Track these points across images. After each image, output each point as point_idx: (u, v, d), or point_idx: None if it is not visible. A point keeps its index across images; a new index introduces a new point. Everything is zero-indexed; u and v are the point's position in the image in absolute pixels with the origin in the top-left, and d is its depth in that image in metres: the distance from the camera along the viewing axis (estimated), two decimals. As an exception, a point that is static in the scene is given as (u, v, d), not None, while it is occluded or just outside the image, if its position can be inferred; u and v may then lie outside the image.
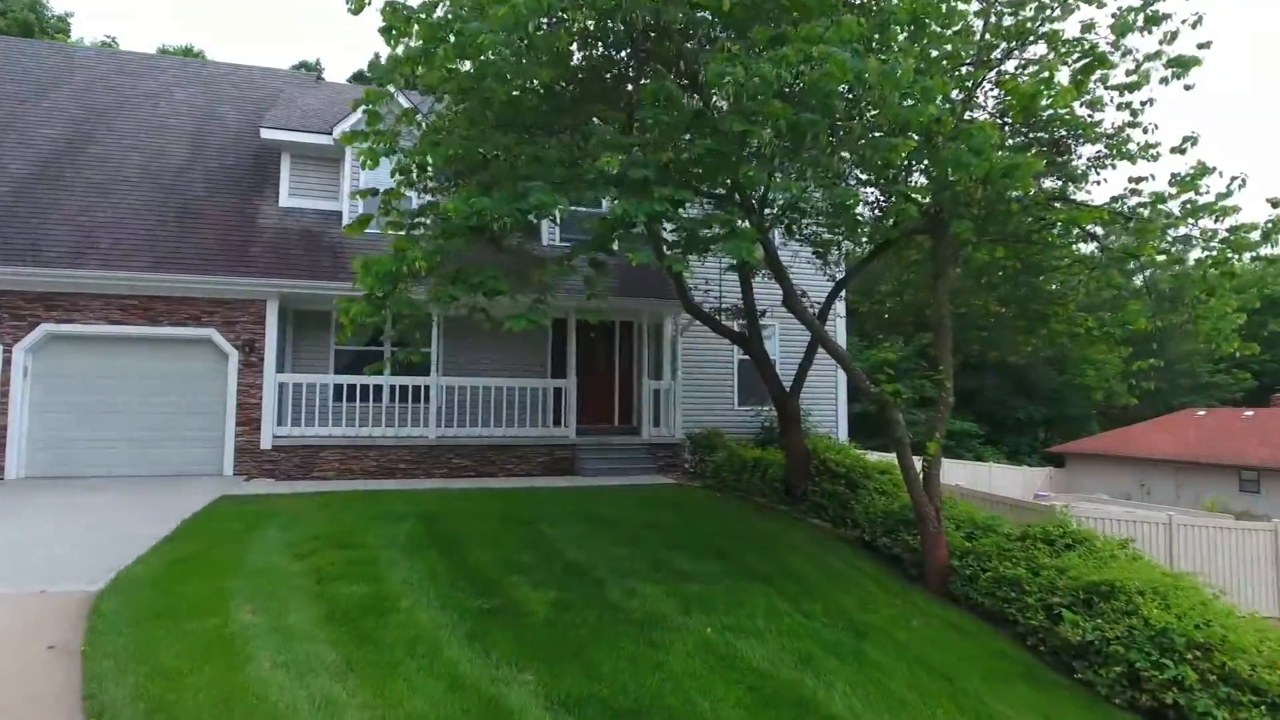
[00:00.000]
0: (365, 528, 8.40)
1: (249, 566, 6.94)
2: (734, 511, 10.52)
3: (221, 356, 12.45)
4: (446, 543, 7.97)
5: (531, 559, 7.61)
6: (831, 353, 8.24)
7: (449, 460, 13.18)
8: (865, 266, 11.65)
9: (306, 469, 12.55)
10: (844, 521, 10.02)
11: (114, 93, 16.05)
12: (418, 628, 5.82)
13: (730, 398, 15.89)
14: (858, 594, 7.57)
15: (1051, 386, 47.14)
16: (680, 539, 8.72)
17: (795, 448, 10.78)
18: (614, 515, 9.56)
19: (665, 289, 14.57)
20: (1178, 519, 14.77)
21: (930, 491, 8.10)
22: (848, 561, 8.70)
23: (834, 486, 10.38)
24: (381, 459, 12.87)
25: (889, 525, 9.26)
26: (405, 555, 7.50)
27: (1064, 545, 7.79)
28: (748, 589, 7.21)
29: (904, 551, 8.81)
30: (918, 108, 5.92)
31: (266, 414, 12.42)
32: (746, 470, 12.02)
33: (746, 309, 11.21)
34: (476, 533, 8.40)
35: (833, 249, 10.97)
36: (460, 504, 9.87)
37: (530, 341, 15.12)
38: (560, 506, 9.93)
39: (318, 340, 14.05)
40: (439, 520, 8.90)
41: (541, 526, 8.83)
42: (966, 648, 6.55)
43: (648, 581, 7.22)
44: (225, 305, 12.47)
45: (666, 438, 14.22)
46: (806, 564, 8.26)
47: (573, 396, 13.83)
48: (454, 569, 7.17)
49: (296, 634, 5.59)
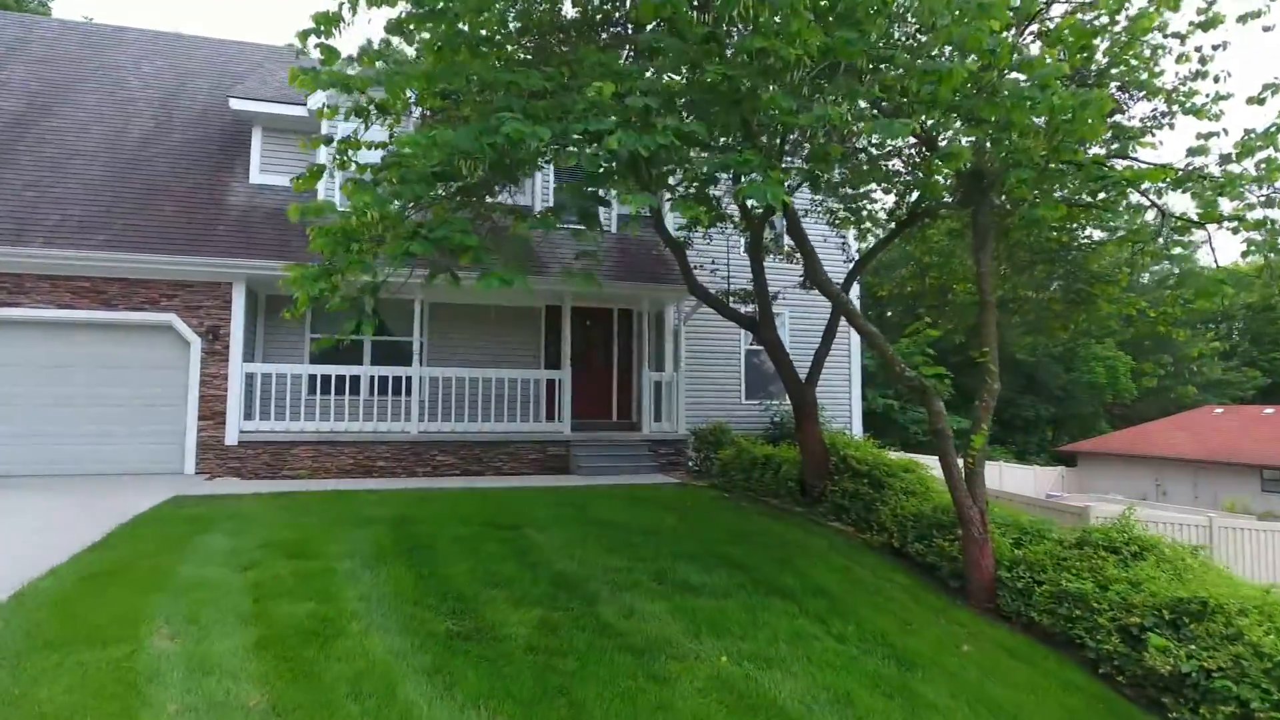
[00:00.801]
0: (326, 534, 7.34)
1: (179, 580, 5.88)
2: (745, 514, 9.46)
3: (183, 344, 11.39)
4: (417, 551, 6.91)
5: (514, 570, 6.54)
6: (861, 329, 7.19)
7: (433, 458, 12.12)
8: (888, 244, 10.60)
9: (276, 467, 11.48)
10: (868, 525, 8.96)
11: (76, 65, 14.99)
12: (368, 658, 4.76)
13: (737, 391, 14.82)
14: (894, 611, 6.51)
15: (1060, 385, 46.08)
16: (686, 546, 7.66)
17: (812, 443, 9.72)
18: (611, 519, 8.50)
19: (667, 274, 13.52)
20: (1219, 521, 13.73)
21: (974, 492, 7.04)
22: (877, 571, 7.64)
23: (856, 486, 9.31)
24: (359, 456, 11.81)
25: (921, 529, 8.20)
26: (367, 566, 6.44)
27: (1131, 554, 6.72)
28: (767, 606, 6.15)
29: (940, 560, 7.75)
30: (975, 25, 4.86)
31: (232, 407, 11.36)
32: (757, 468, 10.96)
33: (757, 291, 10.14)
34: (454, 539, 7.34)
35: (862, 208, 9.86)
36: (439, 506, 8.81)
37: (522, 330, 14.07)
38: (551, 509, 8.88)
39: (292, 328, 12.97)
40: (412, 525, 7.84)
41: (528, 532, 7.77)
42: (1031, 679, 5.49)
43: (649, 597, 6.17)
44: (187, 288, 11.41)
45: (669, 434, 13.15)
46: (831, 575, 7.20)
47: (567, 389, 12.77)
48: (422, 583, 6.11)
49: (217, 667, 4.53)
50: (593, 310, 14.40)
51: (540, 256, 13.17)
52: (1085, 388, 46.68)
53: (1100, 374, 46.62)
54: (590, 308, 14.33)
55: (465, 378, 12.51)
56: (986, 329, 7.25)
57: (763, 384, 15.06)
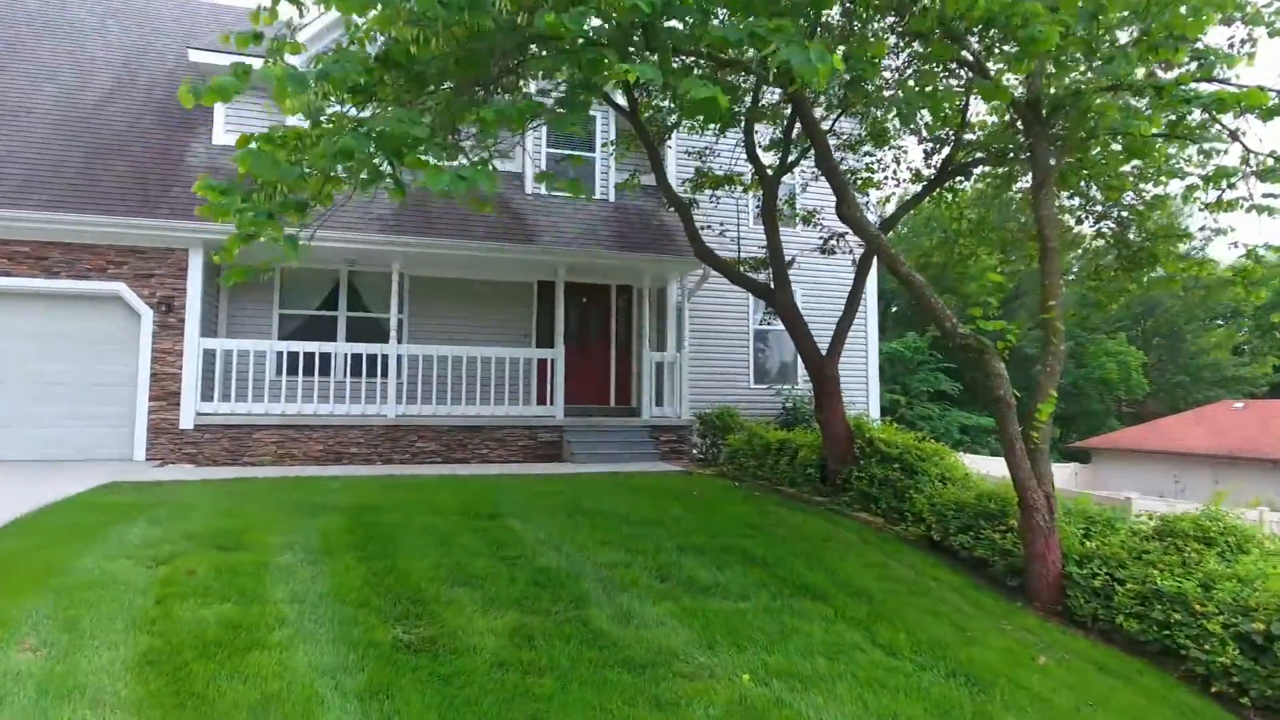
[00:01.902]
0: (270, 523, 6.22)
1: (73, 576, 4.76)
2: (759, 504, 8.34)
3: (133, 317, 10.27)
4: (375, 543, 5.79)
5: (488, 566, 5.42)
6: (906, 280, 6.01)
7: (411, 444, 10.99)
8: (919, 202, 9.50)
9: (237, 453, 10.36)
10: (900, 515, 7.85)
11: (34, 22, 13.87)
12: (286, 677, 3.64)
13: (744, 374, 13.68)
14: (948, 615, 5.39)
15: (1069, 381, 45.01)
16: (694, 539, 6.54)
17: (835, 424, 8.60)
18: (606, 508, 7.39)
19: (670, 244, 12.40)
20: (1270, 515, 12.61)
21: (1039, 472, 5.92)
22: (918, 568, 6.52)
23: (886, 472, 8.19)
24: (329, 442, 10.68)
25: (965, 520, 7.08)
26: (309, 560, 5.33)
27: (1229, 546, 5.60)
28: (796, 609, 5.04)
29: (992, 554, 6.62)
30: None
31: (188, 387, 10.24)
32: (770, 454, 9.84)
33: (772, 252, 9.02)
34: (420, 530, 6.22)
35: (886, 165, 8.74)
36: (409, 493, 7.69)
37: (512, 308, 12.95)
38: (538, 498, 7.76)
39: (259, 302, 11.87)
40: (375, 513, 6.72)
41: (510, 522, 6.65)
42: (1134, 703, 4.36)
43: (650, 598, 5.05)
44: (138, 255, 10.30)
45: (671, 419, 12.03)
46: (867, 573, 6.08)
47: (561, 370, 11.64)
48: (373, 580, 4.99)
49: (80, 689, 3.42)
50: (589, 286, 13.29)
51: (532, 224, 12.06)
52: (1095, 384, 45.62)
53: (1112, 370, 45.58)
54: (586, 284, 13.21)
55: (449, 356, 11.38)
56: (1050, 281, 6.13)
57: (772, 367, 13.94)
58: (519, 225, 11.95)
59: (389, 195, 5.28)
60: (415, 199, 11.89)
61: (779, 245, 9.05)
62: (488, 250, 11.30)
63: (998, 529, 6.78)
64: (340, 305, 12.19)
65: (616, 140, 10.30)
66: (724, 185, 10.52)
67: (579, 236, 12.06)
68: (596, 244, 12.02)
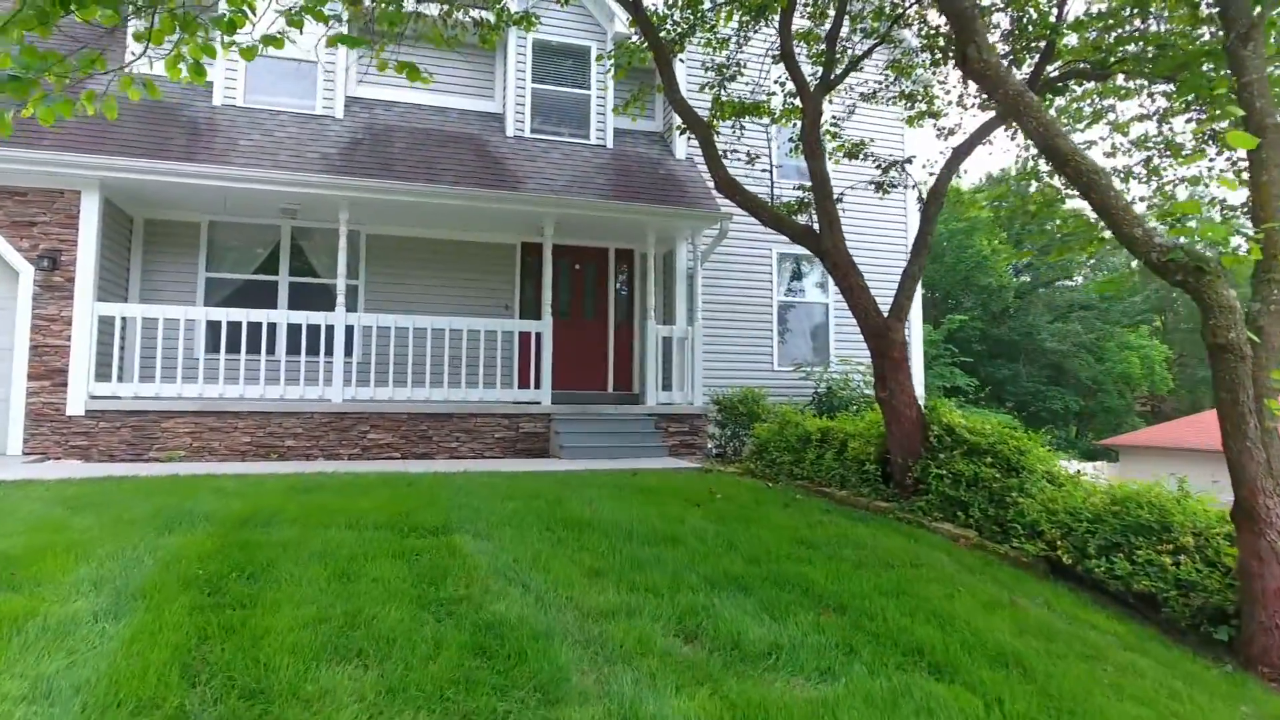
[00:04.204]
0: (95, 544, 4.15)
1: None
2: (804, 510, 6.26)
3: (8, 274, 8.21)
4: (236, 578, 3.71)
5: (405, 619, 3.33)
6: (1069, 158, 3.82)
7: (363, 435, 8.90)
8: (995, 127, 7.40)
9: (141, 446, 8.28)
10: (1002, 528, 5.76)
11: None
12: None
13: (767, 353, 11.59)
14: (1153, 698, 3.31)
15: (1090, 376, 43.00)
16: (726, 564, 4.47)
17: (902, 405, 6.51)
18: (602, 518, 5.31)
19: (681, 196, 10.32)
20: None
21: (1275, 466, 3.82)
22: (1060, 609, 4.44)
23: (975, 469, 6.10)
24: (259, 433, 8.60)
25: (1107, 536, 5.01)
26: (113, 609, 3.27)
27: None
28: (916, 695, 2.96)
29: (1161, 587, 4.55)
30: None
31: (78, 363, 8.16)
32: (810, 447, 7.76)
33: (816, 185, 6.93)
34: (319, 554, 4.13)
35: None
36: (328, 497, 5.60)
37: (491, 274, 10.88)
38: (508, 502, 5.67)
39: (181, 262, 9.79)
40: (263, 528, 4.64)
41: (459, 540, 4.57)
42: None
43: (671, 678, 2.97)
44: (13, 196, 8.24)
45: (680, 406, 9.93)
46: (995, 620, 4.00)
47: (548, 347, 9.56)
48: (194, 650, 2.92)
49: None
50: (583, 250, 11.21)
51: (514, 171, 9.97)
52: (1117, 379, 43.67)
53: (1135, 365, 43.67)
54: (580, 246, 11.14)
55: (410, 328, 9.31)
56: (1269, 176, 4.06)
57: (799, 345, 11.84)
58: (498, 172, 9.87)
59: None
60: (371, 132, 9.83)
61: (825, 175, 6.96)
62: (459, 198, 9.20)
63: (1162, 549, 4.71)
64: (282, 269, 10.10)
65: (614, 53, 8.23)
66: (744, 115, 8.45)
67: (570, 185, 9.97)
68: (592, 194, 9.94)
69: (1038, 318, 42.23)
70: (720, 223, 10.06)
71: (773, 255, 11.62)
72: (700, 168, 10.82)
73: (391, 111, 10.49)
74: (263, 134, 9.33)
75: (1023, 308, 43.18)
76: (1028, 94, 4.14)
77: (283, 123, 9.61)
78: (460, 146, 10.14)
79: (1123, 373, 42.95)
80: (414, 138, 10.03)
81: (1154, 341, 44.77)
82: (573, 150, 10.70)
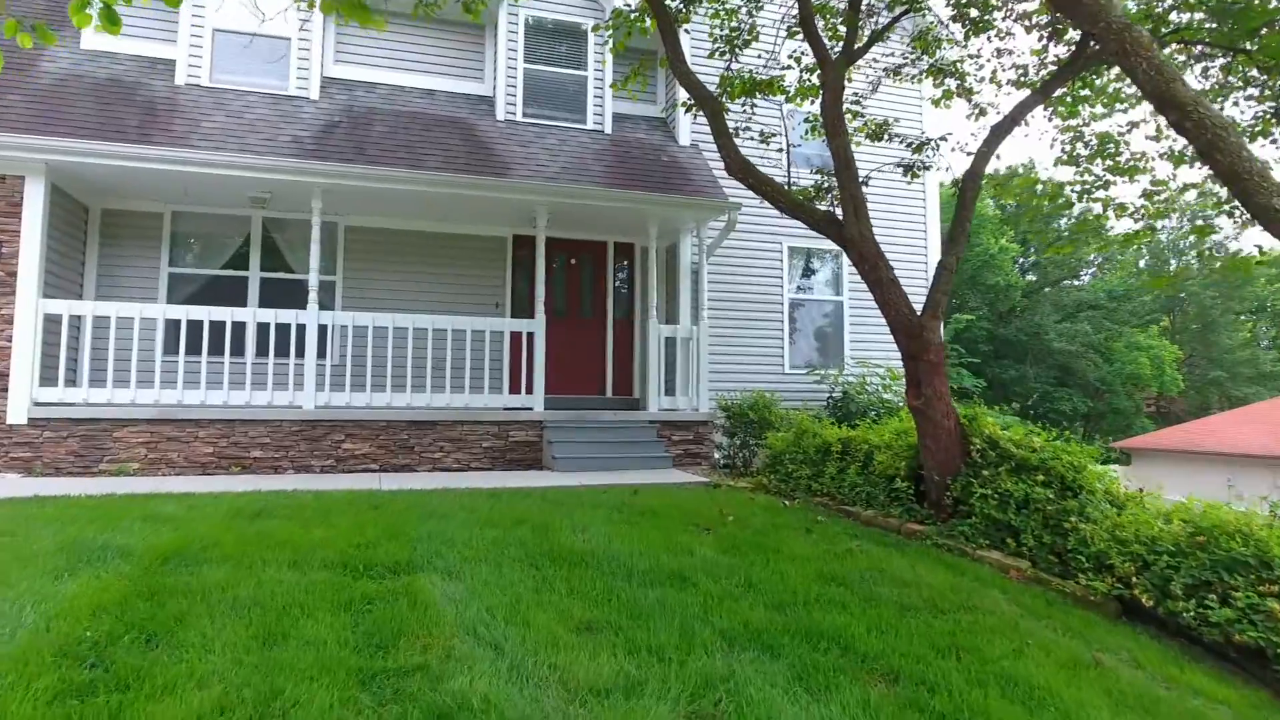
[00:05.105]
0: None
1: None
2: (829, 535, 5.47)
3: (-59, 268, 7.43)
4: (130, 642, 2.94)
5: (333, 702, 2.54)
6: (1190, 104, 3.04)
7: (337, 446, 8.12)
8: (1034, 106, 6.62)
9: (91, 458, 7.50)
10: (1060, 559, 4.98)
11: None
12: None
13: (778, 356, 10.80)
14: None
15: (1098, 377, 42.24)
16: (745, 611, 3.70)
17: (939, 415, 5.73)
18: (597, 550, 4.53)
19: (685, 184, 9.54)
20: None
21: None
22: (1151, 669, 3.65)
23: (1028, 489, 5.31)
24: (222, 442, 7.82)
25: (1194, 573, 4.22)
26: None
27: None
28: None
29: (1273, 639, 3.76)
30: None
31: (20, 365, 7.39)
32: (831, 460, 6.98)
33: (839, 166, 6.15)
34: (248, 603, 3.36)
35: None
36: (276, 524, 4.81)
37: (480, 271, 10.09)
38: (489, 529, 4.89)
39: (142, 257, 9.01)
40: (189, 566, 3.86)
41: (424, 582, 3.79)
42: None
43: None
44: (-52, 182, 7.46)
45: (685, 413, 9.15)
46: (1079, 687, 3.23)
47: (541, 348, 8.77)
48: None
49: None
50: (579, 243, 10.43)
51: (504, 156, 9.19)
52: (1125, 380, 42.92)
53: (1144, 366, 42.90)
54: (576, 240, 10.35)
55: (389, 327, 8.53)
56: None
57: (812, 346, 11.06)
58: (487, 158, 9.08)
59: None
60: (350, 115, 9.06)
61: (849, 155, 6.17)
62: (443, 185, 8.41)
63: (1265, 591, 3.93)
64: (253, 263, 9.32)
65: (612, 20, 7.44)
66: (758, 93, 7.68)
67: (565, 172, 9.19)
68: (589, 181, 9.15)
69: (1045, 317, 41.48)
70: (728, 213, 9.28)
71: (783, 249, 10.84)
72: (706, 154, 10.05)
73: (373, 93, 9.71)
74: (229, 115, 8.55)
75: (1030, 307, 42.45)
76: (1135, 28, 3.36)
77: (251, 104, 8.83)
78: (446, 131, 9.36)
79: (1132, 373, 42.20)
80: (396, 121, 9.25)
81: (1163, 341, 44.02)
82: (568, 135, 9.92)
